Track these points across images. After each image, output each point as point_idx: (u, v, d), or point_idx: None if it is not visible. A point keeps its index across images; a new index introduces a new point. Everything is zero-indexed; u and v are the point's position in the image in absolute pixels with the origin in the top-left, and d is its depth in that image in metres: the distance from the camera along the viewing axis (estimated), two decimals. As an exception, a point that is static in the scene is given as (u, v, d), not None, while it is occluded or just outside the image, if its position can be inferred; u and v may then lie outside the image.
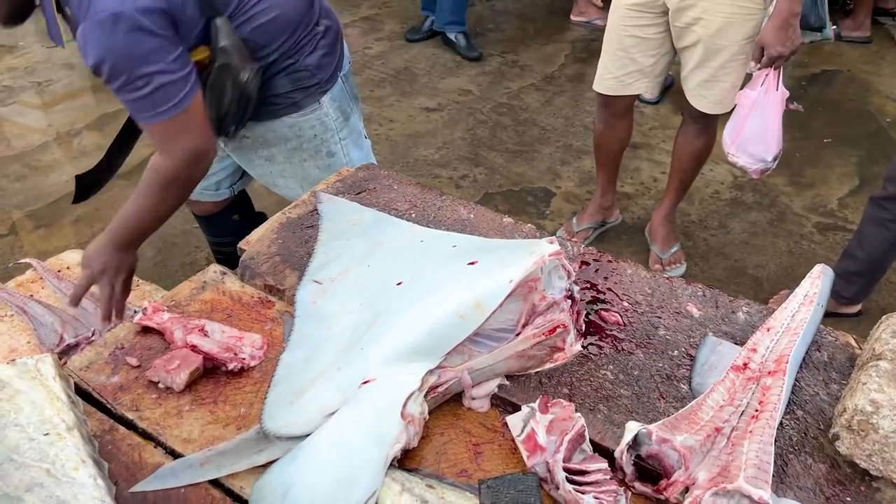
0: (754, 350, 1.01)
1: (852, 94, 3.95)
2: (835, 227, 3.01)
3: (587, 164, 3.30)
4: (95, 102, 3.76)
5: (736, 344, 1.10)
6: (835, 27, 4.37)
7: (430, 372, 0.99)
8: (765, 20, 2.21)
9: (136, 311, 1.24)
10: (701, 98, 2.39)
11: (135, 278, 1.67)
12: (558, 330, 1.02)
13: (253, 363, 1.09)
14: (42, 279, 1.88)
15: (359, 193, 1.39)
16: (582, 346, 1.08)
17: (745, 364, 1.00)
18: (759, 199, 3.14)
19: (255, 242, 1.29)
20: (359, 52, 4.23)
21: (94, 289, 1.51)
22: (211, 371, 1.08)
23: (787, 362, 0.99)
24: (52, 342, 1.66)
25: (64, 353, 1.61)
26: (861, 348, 1.09)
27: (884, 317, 1.06)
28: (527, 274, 0.99)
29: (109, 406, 1.02)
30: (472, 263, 1.08)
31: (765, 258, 2.83)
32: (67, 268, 1.95)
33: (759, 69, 2.21)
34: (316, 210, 1.34)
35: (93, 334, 1.68)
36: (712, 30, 2.21)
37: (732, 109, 2.39)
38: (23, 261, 2.07)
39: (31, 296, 1.79)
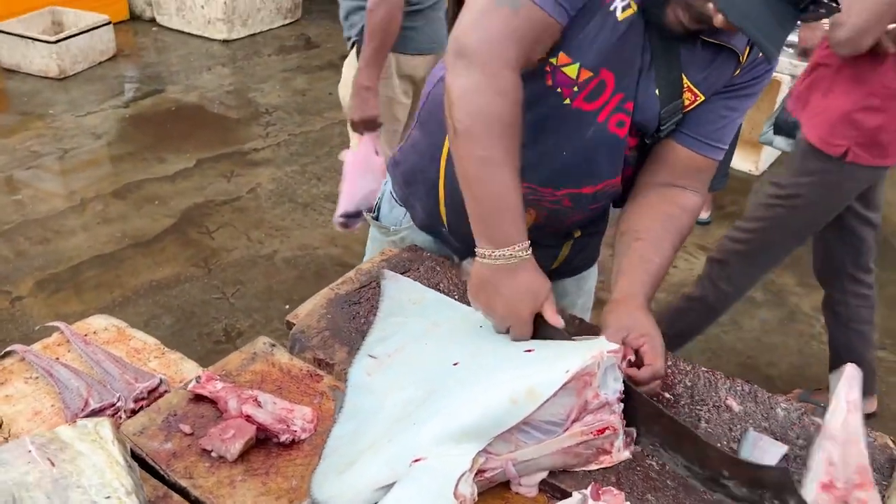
0: (832, 463, 1.03)
1: (855, 200, 4.07)
2: (844, 329, 3.06)
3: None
4: (120, 171, 3.86)
5: (776, 439, 1.13)
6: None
7: (479, 453, 1.01)
8: None
9: (161, 380, 1.28)
10: None
11: (159, 345, 1.68)
12: (607, 432, 1.04)
13: (304, 436, 1.10)
14: (68, 343, 1.89)
15: (404, 273, 1.43)
16: (631, 454, 1.08)
17: (831, 481, 1.01)
18: (769, 298, 3.20)
19: (304, 317, 1.33)
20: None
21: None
22: (262, 442, 1.09)
23: (870, 473, 1.00)
24: (77, 407, 1.66)
25: (88, 417, 1.62)
26: (900, 450, 1.11)
27: (921, 420, 1.09)
28: (584, 367, 1.02)
29: (163, 472, 1.03)
30: (528, 351, 1.11)
31: (776, 357, 2.86)
32: (94, 332, 1.96)
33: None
34: (362, 288, 1.38)
35: (118, 400, 1.69)
36: (346, 80, 2.54)
37: None
38: (50, 324, 2.09)
39: (58, 359, 1.81)
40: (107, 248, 3.23)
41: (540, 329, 1.15)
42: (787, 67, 3.78)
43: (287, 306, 2.94)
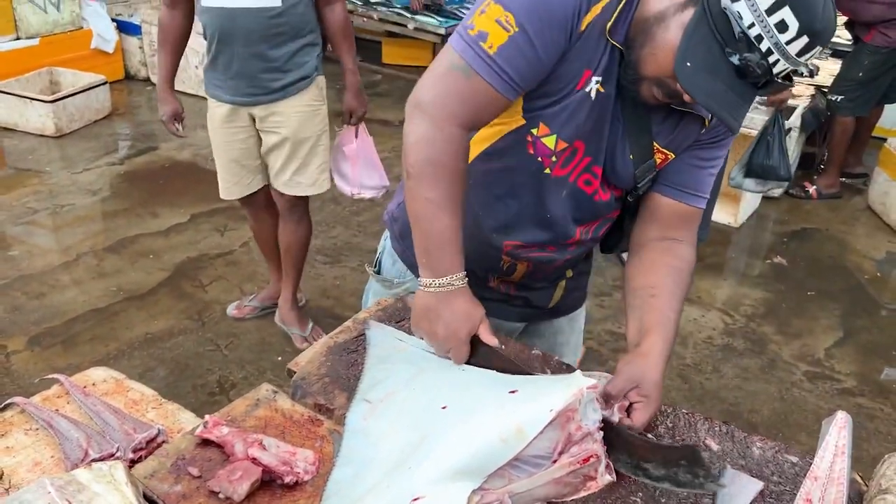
0: (809, 500, 1.10)
1: (831, 251, 4.22)
2: (823, 376, 3.15)
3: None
4: (114, 227, 3.93)
5: (752, 476, 1.20)
6: (815, 187, 4.77)
7: (474, 492, 1.07)
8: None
9: (159, 430, 1.34)
10: (297, 185, 2.87)
11: (157, 396, 1.73)
12: (592, 459, 1.11)
13: (307, 477, 1.16)
14: (68, 394, 1.94)
15: (399, 322, 1.51)
16: (610, 476, 1.16)
17: None
18: (749, 346, 3.29)
19: (305, 364, 1.39)
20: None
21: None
22: (267, 484, 1.15)
23: None
24: (76, 457, 1.70)
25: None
26: (867, 485, 1.19)
27: (886, 456, 1.17)
28: (566, 404, 1.10)
29: (173, 513, 1.09)
30: (512, 392, 1.18)
31: (758, 403, 2.93)
32: (93, 384, 2.00)
33: (349, 127, 2.92)
34: (359, 336, 1.45)
35: (117, 450, 1.73)
36: (293, 127, 2.74)
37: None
38: (50, 376, 2.13)
39: (57, 410, 1.85)
40: (101, 302, 3.28)
41: (477, 351, 1.29)
42: (758, 122, 3.96)
43: (280, 358, 2.99)
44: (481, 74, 1.20)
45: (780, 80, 1.17)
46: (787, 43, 1.11)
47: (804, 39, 1.11)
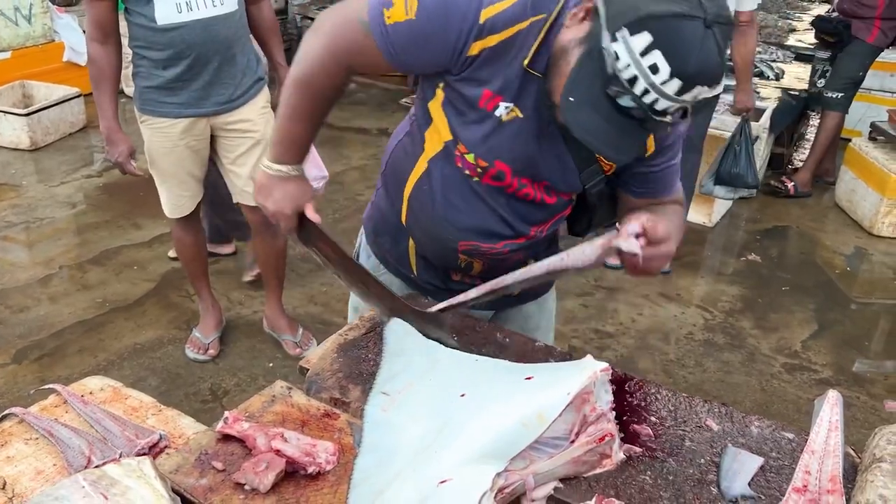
0: (808, 472, 1.17)
1: (802, 247, 4.35)
2: (801, 367, 3.25)
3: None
4: (97, 239, 3.91)
5: (752, 453, 1.26)
6: (793, 183, 4.92)
7: (498, 475, 1.12)
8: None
9: (161, 435, 1.37)
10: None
11: (155, 403, 1.75)
12: (607, 438, 1.17)
13: (328, 468, 1.19)
14: (66, 404, 1.94)
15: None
16: (624, 454, 1.22)
17: (805, 486, 1.15)
18: (729, 341, 3.38)
19: (317, 361, 1.43)
20: (351, 197, 4.52)
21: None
22: (290, 475, 1.18)
23: (840, 482, 1.14)
24: (79, 464, 1.71)
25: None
26: (860, 457, 1.26)
27: (877, 429, 1.25)
28: (583, 387, 1.15)
29: (202, 506, 1.12)
30: (528, 378, 1.24)
31: (740, 395, 3.02)
32: (90, 392, 2.01)
33: None
34: (368, 333, 1.50)
35: (120, 456, 1.74)
36: (262, 129, 2.71)
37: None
38: (47, 386, 2.13)
39: (56, 419, 1.85)
40: (88, 314, 3.26)
41: (304, 226, 1.48)
42: (732, 125, 4.08)
43: (271, 364, 3.01)
44: (374, 37, 1.32)
45: (664, 119, 1.17)
46: (662, 84, 1.12)
47: (677, 82, 1.11)
